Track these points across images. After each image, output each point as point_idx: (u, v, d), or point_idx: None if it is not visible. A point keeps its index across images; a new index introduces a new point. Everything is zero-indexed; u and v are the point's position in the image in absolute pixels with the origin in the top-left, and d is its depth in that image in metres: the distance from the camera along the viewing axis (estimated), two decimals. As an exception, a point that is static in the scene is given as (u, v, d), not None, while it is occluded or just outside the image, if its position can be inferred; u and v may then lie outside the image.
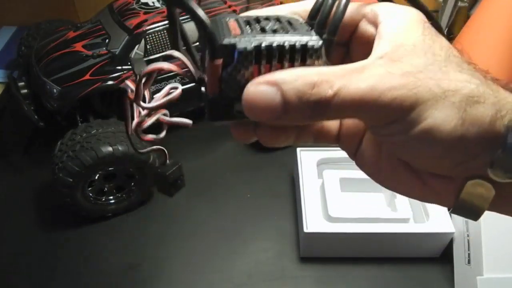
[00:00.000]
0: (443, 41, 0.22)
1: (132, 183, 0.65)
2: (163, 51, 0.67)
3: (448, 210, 0.23)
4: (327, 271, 0.61)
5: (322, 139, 0.27)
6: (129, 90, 0.25)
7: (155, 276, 0.61)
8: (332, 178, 0.64)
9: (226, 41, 0.20)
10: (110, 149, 0.59)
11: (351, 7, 0.24)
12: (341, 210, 0.60)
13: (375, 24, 0.23)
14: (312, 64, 0.21)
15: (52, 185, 0.61)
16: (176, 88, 0.24)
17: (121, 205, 0.66)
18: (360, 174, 0.27)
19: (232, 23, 0.22)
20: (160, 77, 0.68)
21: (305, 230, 0.58)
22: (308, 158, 0.67)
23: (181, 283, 0.60)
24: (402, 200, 0.63)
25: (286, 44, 0.20)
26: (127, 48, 0.66)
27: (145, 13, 0.67)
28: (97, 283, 0.60)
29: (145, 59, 0.66)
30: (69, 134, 0.62)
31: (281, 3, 0.80)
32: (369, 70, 0.20)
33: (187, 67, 0.23)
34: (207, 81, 0.21)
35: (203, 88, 0.22)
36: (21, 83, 0.70)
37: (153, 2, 0.69)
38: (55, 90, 0.64)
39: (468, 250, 0.57)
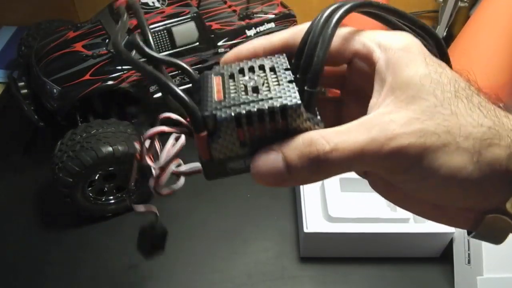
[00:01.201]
0: (447, 71, 0.21)
1: (132, 183, 0.65)
2: (163, 51, 0.67)
3: (468, 234, 0.24)
4: (327, 271, 0.61)
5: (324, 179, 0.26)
6: (138, 152, 0.26)
7: (155, 276, 0.61)
8: (332, 178, 0.64)
9: (207, 113, 0.21)
10: (110, 149, 0.59)
11: (341, 37, 0.23)
12: (341, 210, 0.60)
13: (369, 62, 0.22)
14: (294, 121, 0.21)
15: (52, 185, 0.61)
16: (179, 137, 0.25)
17: (121, 205, 0.66)
18: None
19: (217, 81, 0.23)
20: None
21: (305, 230, 0.58)
22: (308, 158, 0.67)
23: (181, 283, 0.60)
24: (402, 200, 0.63)
25: (265, 108, 0.21)
26: (127, 48, 0.65)
27: (145, 13, 0.67)
28: (97, 283, 0.60)
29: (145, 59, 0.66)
30: (69, 134, 0.62)
31: (281, 3, 0.80)
32: (370, 121, 0.20)
33: (184, 125, 0.25)
34: (198, 148, 0.23)
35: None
36: (21, 83, 0.70)
37: (153, 2, 0.69)
38: (55, 90, 0.64)
39: (468, 250, 0.57)
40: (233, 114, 0.21)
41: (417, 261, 0.62)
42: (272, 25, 0.76)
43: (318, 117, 0.22)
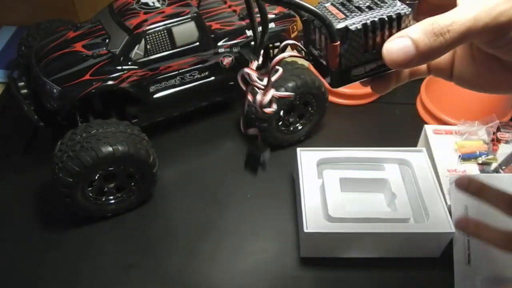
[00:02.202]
0: None
1: (132, 183, 0.66)
2: (163, 51, 0.67)
3: None
4: (327, 271, 0.61)
5: (415, 75, 0.32)
6: (247, 77, 0.32)
7: (155, 276, 0.61)
8: (332, 178, 0.64)
9: (340, 25, 0.26)
10: (110, 149, 0.59)
11: None
12: (341, 210, 0.60)
13: None
14: (405, 26, 0.27)
15: (52, 185, 0.61)
16: (277, 70, 0.31)
17: (121, 205, 0.66)
18: (360, 174, 0.27)
19: (331, 8, 0.28)
20: (161, 77, 0.68)
21: (305, 230, 0.58)
22: (308, 158, 0.67)
23: (181, 283, 0.60)
24: (402, 200, 0.63)
25: (385, 17, 0.26)
26: (127, 48, 0.66)
27: (145, 13, 0.67)
28: (97, 283, 0.60)
29: (145, 59, 0.66)
30: (69, 134, 0.62)
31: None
32: (474, 2, 0.25)
33: (301, 50, 0.30)
34: (329, 59, 0.27)
35: (324, 62, 0.28)
36: (21, 83, 0.70)
37: (153, 2, 0.69)
38: (55, 90, 0.64)
39: (468, 250, 0.57)
40: (361, 24, 0.26)
41: (417, 261, 0.62)
42: (272, 25, 0.76)
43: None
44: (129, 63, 0.66)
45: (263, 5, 0.33)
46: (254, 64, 0.31)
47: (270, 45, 0.82)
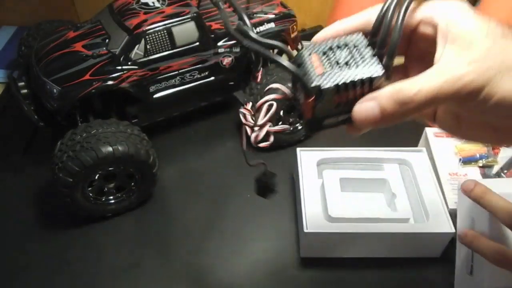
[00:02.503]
0: (493, 21, 0.27)
1: (132, 183, 0.66)
2: (163, 51, 0.67)
3: None
4: (327, 271, 0.61)
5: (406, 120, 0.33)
6: (242, 116, 0.34)
7: (155, 276, 0.61)
8: (332, 178, 0.64)
9: (314, 84, 0.28)
10: (110, 149, 0.59)
11: (408, 15, 0.29)
12: (341, 210, 0.60)
13: (432, 25, 0.28)
14: (377, 86, 0.28)
15: (52, 185, 0.61)
16: (272, 105, 0.33)
17: (121, 205, 0.66)
18: (360, 174, 0.28)
19: (314, 58, 0.30)
20: (161, 77, 0.68)
21: (305, 230, 0.58)
22: (308, 158, 0.67)
23: (181, 283, 0.60)
24: (402, 200, 0.63)
25: (357, 79, 0.28)
26: (127, 48, 0.66)
27: (145, 13, 0.67)
28: (97, 283, 0.60)
29: (145, 59, 0.66)
30: (69, 134, 0.62)
31: (281, 3, 0.80)
32: (441, 68, 0.26)
33: (285, 94, 0.32)
34: (303, 110, 0.30)
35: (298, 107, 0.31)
36: (21, 83, 0.70)
37: (153, 2, 0.69)
38: (55, 90, 0.64)
39: (472, 261, 0.55)
40: (334, 84, 0.28)
41: (417, 261, 0.62)
42: (272, 25, 0.76)
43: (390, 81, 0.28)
44: (129, 63, 0.66)
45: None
46: (249, 105, 0.32)
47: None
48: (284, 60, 0.29)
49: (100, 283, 0.60)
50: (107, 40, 0.68)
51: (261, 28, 0.75)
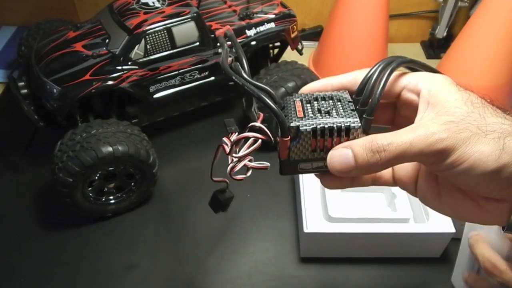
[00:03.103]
0: (475, 94, 0.28)
1: (132, 183, 0.66)
2: (163, 51, 0.67)
3: (503, 229, 0.29)
4: (327, 271, 0.61)
5: (379, 183, 0.34)
6: (224, 144, 0.34)
7: (155, 276, 0.61)
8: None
9: (292, 124, 0.29)
10: (110, 149, 0.59)
11: (392, 78, 0.30)
12: (341, 210, 0.60)
13: (416, 92, 0.29)
14: (354, 138, 0.29)
15: (52, 185, 0.61)
16: (256, 140, 0.32)
17: (121, 205, 0.66)
18: None
19: (298, 103, 0.31)
20: (161, 77, 0.68)
21: (305, 230, 0.58)
22: (308, 158, 0.67)
23: (181, 283, 0.60)
24: (402, 200, 0.63)
25: (335, 126, 0.29)
26: (127, 48, 0.66)
27: (145, 13, 0.67)
28: (97, 283, 0.60)
29: (145, 59, 0.66)
30: (69, 134, 0.62)
31: (281, 3, 0.80)
32: (416, 125, 0.27)
33: (266, 134, 0.31)
34: (279, 150, 0.30)
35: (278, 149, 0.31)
36: (21, 83, 0.70)
37: (153, 2, 0.69)
38: (55, 90, 0.64)
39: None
40: (311, 127, 0.29)
41: (417, 261, 0.62)
42: (272, 25, 0.76)
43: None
44: (129, 63, 0.66)
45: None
46: (234, 136, 0.32)
47: (270, 45, 0.82)
48: (268, 101, 0.29)
49: (100, 283, 0.60)
50: (107, 40, 0.68)
51: (261, 28, 0.75)
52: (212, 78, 0.73)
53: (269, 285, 0.60)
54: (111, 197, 0.66)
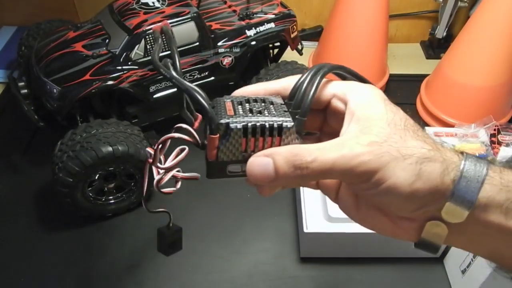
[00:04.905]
0: (400, 112, 0.28)
1: (132, 183, 0.66)
2: (163, 51, 0.67)
3: (414, 245, 0.31)
4: (327, 271, 0.61)
5: (304, 185, 0.33)
6: (149, 156, 0.31)
7: (155, 276, 0.61)
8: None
9: (222, 121, 0.27)
10: (110, 149, 0.59)
11: (323, 85, 0.30)
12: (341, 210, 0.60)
13: (344, 101, 0.29)
14: (286, 138, 0.28)
15: (52, 185, 0.61)
16: (184, 149, 0.31)
17: (121, 205, 0.67)
18: None
19: (228, 104, 0.29)
20: (161, 77, 0.68)
21: (305, 230, 0.58)
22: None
23: (181, 283, 0.60)
24: (402, 200, 0.63)
25: (267, 124, 0.27)
26: (127, 48, 0.66)
27: (145, 13, 0.67)
28: (97, 283, 0.60)
29: (145, 59, 0.66)
30: (69, 134, 0.62)
31: (281, 3, 0.80)
32: (342, 142, 0.27)
33: (193, 136, 0.29)
34: (207, 150, 0.28)
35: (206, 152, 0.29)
36: (21, 83, 0.70)
37: (153, 2, 0.69)
38: (55, 90, 0.64)
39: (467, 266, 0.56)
40: (242, 125, 0.27)
41: (417, 261, 0.62)
42: (272, 25, 0.76)
43: (301, 140, 0.29)
44: (129, 63, 0.66)
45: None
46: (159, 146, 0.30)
47: (270, 45, 0.82)
48: (197, 95, 0.28)
49: (100, 283, 0.60)
50: (107, 40, 0.68)
51: (261, 28, 0.75)
52: (212, 78, 0.73)
53: (269, 285, 0.60)
54: (111, 197, 0.66)
